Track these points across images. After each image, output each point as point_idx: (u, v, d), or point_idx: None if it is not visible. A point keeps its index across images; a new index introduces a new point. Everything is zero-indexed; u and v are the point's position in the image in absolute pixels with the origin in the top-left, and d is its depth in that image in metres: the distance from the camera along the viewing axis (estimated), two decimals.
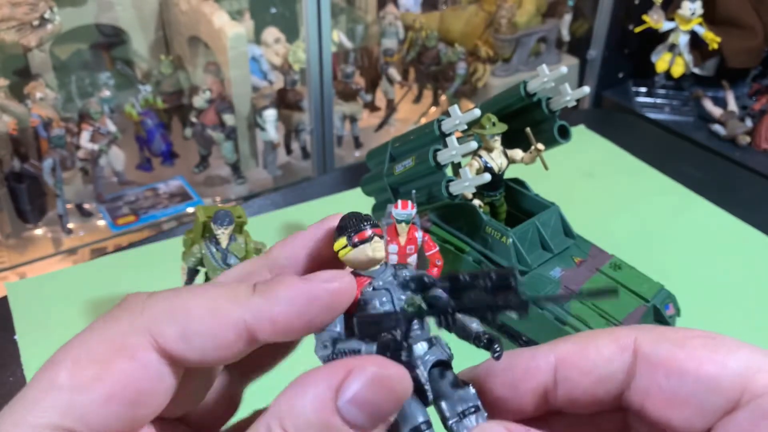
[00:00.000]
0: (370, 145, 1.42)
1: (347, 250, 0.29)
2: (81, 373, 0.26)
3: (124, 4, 1.32)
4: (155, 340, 0.26)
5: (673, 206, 1.22)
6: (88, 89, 1.34)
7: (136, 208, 1.28)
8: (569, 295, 0.33)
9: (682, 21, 1.50)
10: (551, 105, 0.86)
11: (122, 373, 0.26)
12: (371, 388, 0.24)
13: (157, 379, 0.27)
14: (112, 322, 0.27)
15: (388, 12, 1.56)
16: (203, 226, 0.80)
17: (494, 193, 0.90)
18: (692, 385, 0.26)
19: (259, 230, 0.93)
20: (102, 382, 0.25)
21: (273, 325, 0.27)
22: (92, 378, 0.25)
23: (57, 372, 0.26)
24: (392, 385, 0.25)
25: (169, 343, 0.26)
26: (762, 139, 1.46)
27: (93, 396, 0.25)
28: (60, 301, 0.98)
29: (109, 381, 0.25)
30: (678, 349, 0.27)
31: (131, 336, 0.26)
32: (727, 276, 1.05)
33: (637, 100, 1.64)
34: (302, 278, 0.27)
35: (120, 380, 0.26)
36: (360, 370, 0.24)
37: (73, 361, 0.26)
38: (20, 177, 1.18)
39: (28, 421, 0.25)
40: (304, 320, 0.27)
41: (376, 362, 0.25)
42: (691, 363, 0.26)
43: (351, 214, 0.30)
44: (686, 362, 0.26)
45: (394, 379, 0.25)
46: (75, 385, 0.25)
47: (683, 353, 0.26)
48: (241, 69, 1.30)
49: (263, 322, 0.27)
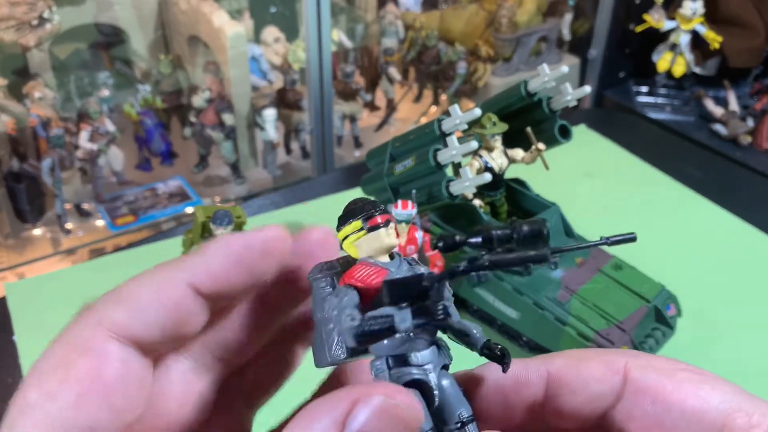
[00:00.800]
0: (370, 144, 1.42)
1: (361, 234, 0.27)
2: (47, 382, 0.25)
3: (123, 3, 1.32)
4: (108, 327, 0.26)
5: (674, 206, 1.22)
6: (87, 89, 1.33)
7: (135, 208, 1.28)
8: (595, 243, 0.33)
9: (683, 20, 1.50)
10: (552, 104, 0.86)
11: (84, 369, 0.25)
12: (379, 420, 0.23)
13: (123, 365, 0.26)
14: (68, 329, 0.27)
15: (388, 11, 1.56)
16: (202, 226, 0.79)
17: (495, 193, 0.90)
18: (676, 416, 0.27)
19: None
20: (68, 383, 0.25)
21: (211, 276, 0.27)
22: (58, 383, 0.25)
23: (26, 390, 0.25)
24: (401, 414, 0.24)
25: (121, 326, 0.26)
26: (763, 139, 1.45)
27: (63, 401, 0.25)
28: (59, 301, 0.98)
29: (74, 381, 0.25)
30: (666, 379, 0.27)
31: (85, 333, 0.26)
32: (729, 276, 1.05)
33: (638, 100, 1.64)
34: (236, 234, 0.28)
35: (85, 377, 0.25)
36: (366, 400, 0.23)
37: (38, 375, 0.26)
38: (19, 177, 1.17)
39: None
40: (241, 268, 0.27)
41: (383, 390, 0.24)
42: (677, 395, 0.27)
43: (359, 199, 0.29)
44: (673, 393, 0.27)
45: (403, 408, 0.24)
46: (44, 395, 0.25)
47: (670, 384, 0.27)
48: (240, 68, 1.29)
49: (202, 275, 0.27)
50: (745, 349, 0.92)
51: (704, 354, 0.90)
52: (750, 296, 1.01)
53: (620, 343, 0.79)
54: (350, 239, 0.28)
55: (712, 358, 0.90)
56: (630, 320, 0.81)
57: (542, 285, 0.84)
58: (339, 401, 0.24)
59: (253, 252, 0.27)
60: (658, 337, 0.83)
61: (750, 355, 0.91)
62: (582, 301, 0.83)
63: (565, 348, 0.81)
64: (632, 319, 0.81)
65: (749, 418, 0.25)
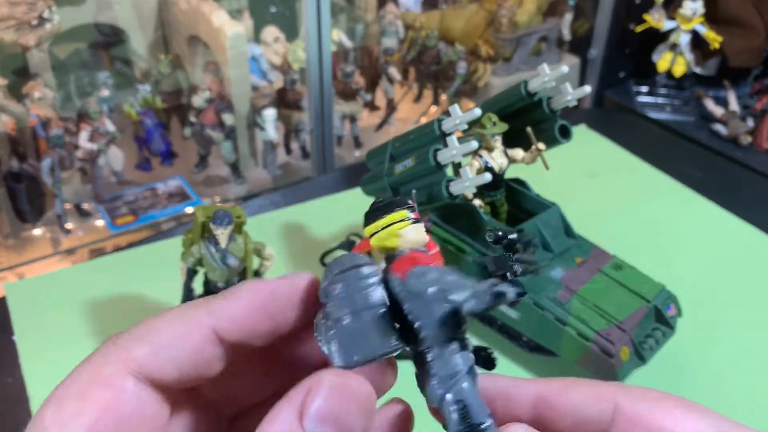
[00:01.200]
0: (370, 144, 1.42)
1: (407, 224, 0.27)
2: (63, 410, 0.26)
3: (123, 3, 1.32)
4: (128, 364, 0.27)
5: (674, 206, 1.22)
6: (87, 89, 1.33)
7: (135, 208, 1.28)
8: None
9: (683, 20, 1.50)
10: (552, 104, 0.86)
11: (100, 402, 0.26)
12: (332, 400, 0.25)
13: (137, 402, 0.27)
14: (90, 359, 0.28)
15: (388, 11, 1.56)
16: (202, 226, 0.79)
17: (495, 193, 0.90)
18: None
19: (258, 230, 0.93)
20: (82, 415, 0.26)
21: (236, 322, 0.27)
22: (73, 413, 0.26)
23: (43, 415, 0.27)
24: (352, 392, 0.25)
25: (141, 362, 0.27)
26: (763, 139, 1.45)
27: (75, 430, 0.26)
28: (59, 301, 0.98)
29: (88, 413, 0.26)
30: (656, 408, 0.28)
31: (106, 366, 0.27)
32: (729, 276, 1.05)
33: (638, 100, 1.64)
34: (264, 281, 0.28)
35: (99, 410, 0.26)
36: (317, 386, 0.25)
37: (55, 401, 0.27)
38: (18, 177, 1.17)
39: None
40: (266, 314, 0.28)
41: (332, 374, 0.25)
42: (668, 421, 0.28)
43: (388, 197, 0.29)
44: (664, 419, 0.28)
45: (354, 386, 0.25)
46: (58, 423, 0.26)
47: (660, 411, 0.28)
48: (240, 68, 1.29)
49: (226, 320, 0.27)
50: (745, 349, 0.92)
51: (704, 354, 0.90)
52: (750, 296, 1.01)
53: (620, 343, 0.79)
54: (393, 228, 0.28)
55: (712, 358, 0.90)
56: (630, 320, 0.81)
57: (542, 285, 0.84)
58: (295, 393, 0.25)
59: (281, 297, 0.28)
60: (658, 337, 0.83)
61: (750, 355, 0.91)
62: (582, 301, 0.83)
63: (566, 348, 0.82)
64: (632, 319, 0.81)
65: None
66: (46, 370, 0.86)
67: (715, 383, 0.87)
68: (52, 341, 0.91)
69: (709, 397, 0.84)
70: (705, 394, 0.85)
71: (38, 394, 0.83)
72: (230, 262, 0.79)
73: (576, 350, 0.80)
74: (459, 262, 0.88)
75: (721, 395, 0.85)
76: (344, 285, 0.27)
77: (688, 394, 0.83)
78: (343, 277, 0.27)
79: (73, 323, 0.93)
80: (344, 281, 0.27)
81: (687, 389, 0.86)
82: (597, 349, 0.79)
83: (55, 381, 0.27)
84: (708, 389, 0.86)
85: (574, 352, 0.81)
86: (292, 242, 1.10)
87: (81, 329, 0.93)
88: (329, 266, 0.28)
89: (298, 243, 1.10)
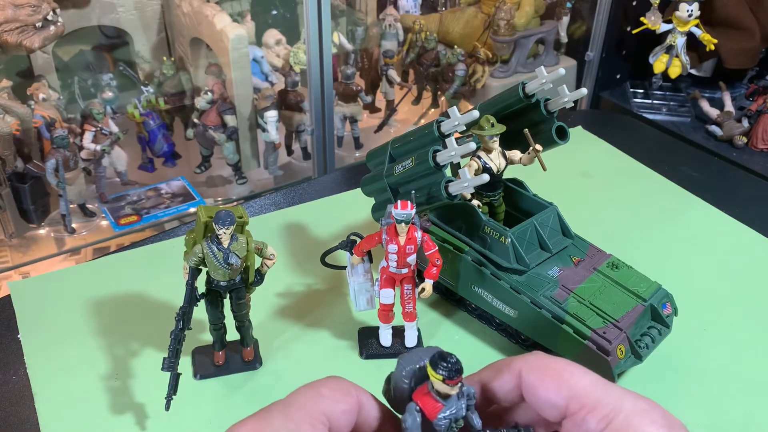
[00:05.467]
0: (370, 145, 1.43)
1: (439, 378, 0.36)
2: None
3: (127, 6, 1.33)
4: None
5: (670, 206, 1.23)
6: (91, 90, 1.34)
7: (138, 208, 1.29)
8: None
9: (679, 23, 1.51)
10: (549, 106, 0.87)
11: None
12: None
13: None
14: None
15: (388, 14, 1.57)
16: (205, 226, 0.80)
17: (493, 194, 0.91)
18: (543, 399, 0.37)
19: (260, 230, 0.94)
20: None
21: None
22: None
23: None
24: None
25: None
26: (758, 140, 1.47)
27: None
28: (63, 300, 0.98)
29: None
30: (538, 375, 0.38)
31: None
32: (724, 275, 1.06)
33: (634, 101, 1.65)
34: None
35: None
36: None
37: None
38: (23, 177, 1.18)
39: None
40: None
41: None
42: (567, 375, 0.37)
43: (448, 356, 0.36)
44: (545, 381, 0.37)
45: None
46: None
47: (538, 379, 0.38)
48: (242, 70, 1.31)
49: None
50: (740, 347, 0.93)
51: (700, 352, 0.91)
52: (745, 295, 1.02)
53: (617, 341, 0.80)
54: (434, 375, 0.36)
55: (708, 356, 0.91)
56: (626, 318, 0.82)
57: (540, 284, 0.85)
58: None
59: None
60: (654, 335, 0.84)
61: (745, 354, 0.92)
62: (579, 300, 0.84)
63: (563, 346, 0.83)
64: (629, 317, 0.82)
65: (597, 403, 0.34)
66: (50, 368, 0.86)
67: (710, 380, 0.88)
68: (57, 339, 0.91)
69: (704, 394, 0.86)
70: (700, 390, 0.86)
71: (42, 391, 0.83)
72: (233, 261, 0.80)
73: (573, 348, 0.81)
74: (458, 261, 0.89)
75: (717, 393, 0.86)
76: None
77: (683, 390, 0.85)
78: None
79: (77, 322, 0.94)
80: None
81: (683, 386, 0.87)
82: (594, 347, 0.79)
83: (58, 379, 0.28)
84: (703, 386, 0.87)
85: (571, 350, 0.82)
86: (294, 242, 1.11)
87: (85, 328, 0.93)
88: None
89: (299, 242, 1.11)
